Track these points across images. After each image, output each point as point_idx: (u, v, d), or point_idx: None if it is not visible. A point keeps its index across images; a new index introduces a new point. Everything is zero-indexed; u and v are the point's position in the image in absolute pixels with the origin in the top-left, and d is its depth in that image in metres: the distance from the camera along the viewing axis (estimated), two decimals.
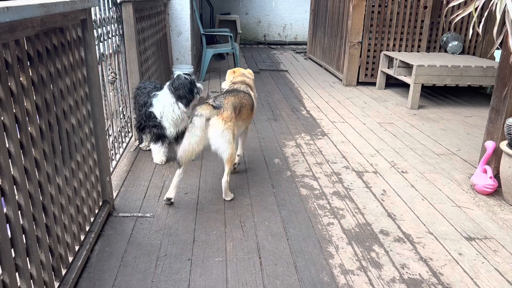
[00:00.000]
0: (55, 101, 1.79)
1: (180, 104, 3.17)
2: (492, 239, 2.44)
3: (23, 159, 1.49)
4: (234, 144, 2.68)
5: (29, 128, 1.54)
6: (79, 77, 2.11)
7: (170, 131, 3.25)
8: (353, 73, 6.32)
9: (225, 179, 2.72)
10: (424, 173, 3.30)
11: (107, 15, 2.99)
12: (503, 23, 2.59)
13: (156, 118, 3.19)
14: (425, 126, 4.49)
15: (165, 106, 3.16)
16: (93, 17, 2.52)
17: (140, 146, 3.61)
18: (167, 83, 3.22)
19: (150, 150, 3.50)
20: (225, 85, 3.16)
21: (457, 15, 2.94)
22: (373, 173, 3.28)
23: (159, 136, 3.25)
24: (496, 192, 2.97)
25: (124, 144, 3.53)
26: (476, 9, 2.66)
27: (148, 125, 3.29)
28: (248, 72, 3.22)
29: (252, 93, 3.00)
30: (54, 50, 1.79)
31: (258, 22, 11.54)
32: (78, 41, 2.10)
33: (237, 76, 3.13)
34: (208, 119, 2.57)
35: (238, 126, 2.75)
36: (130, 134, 3.77)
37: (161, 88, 3.31)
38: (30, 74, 1.57)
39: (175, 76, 3.23)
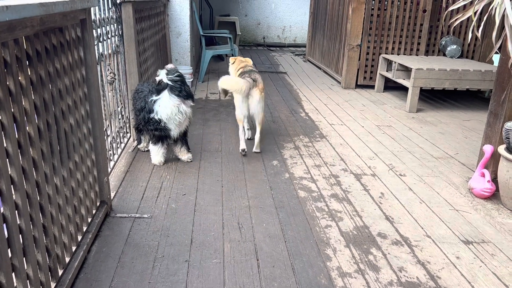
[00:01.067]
0: (54, 101, 1.78)
1: (188, 101, 3.20)
2: (489, 243, 2.44)
3: (20, 158, 1.48)
4: (264, 110, 3.66)
5: (27, 127, 1.53)
6: (78, 77, 2.10)
7: (175, 132, 3.25)
8: (352, 75, 6.33)
9: (258, 135, 3.65)
10: (422, 176, 3.30)
11: (106, 15, 2.99)
12: (502, 27, 2.60)
13: (159, 123, 3.15)
14: (423, 130, 4.49)
15: (172, 110, 3.13)
16: (93, 17, 2.52)
17: (139, 146, 3.61)
18: (167, 90, 3.12)
19: (148, 150, 3.49)
20: (232, 71, 3.96)
21: (456, 19, 2.95)
22: (371, 176, 3.28)
23: (160, 137, 3.24)
24: (494, 196, 2.97)
25: (123, 145, 3.52)
26: (475, 13, 2.67)
27: (148, 129, 3.27)
28: (246, 59, 4.04)
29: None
30: (53, 50, 1.78)
31: (257, 24, 11.56)
32: (77, 41, 2.10)
33: (240, 62, 3.95)
34: (250, 88, 3.49)
35: None
36: (128, 135, 3.76)
37: (157, 91, 3.25)
38: (29, 74, 1.56)
39: (165, 76, 3.13)
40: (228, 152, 3.65)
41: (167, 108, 3.12)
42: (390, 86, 6.14)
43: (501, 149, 2.85)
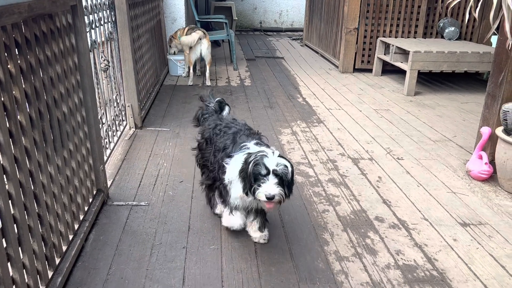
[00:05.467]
0: (45, 89, 1.76)
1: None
2: (486, 224, 2.44)
3: (12, 148, 1.47)
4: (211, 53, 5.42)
5: (18, 116, 1.51)
6: (70, 64, 2.07)
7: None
8: (350, 59, 6.28)
9: (208, 71, 5.42)
10: (420, 160, 3.30)
11: (99, 1, 2.94)
12: (499, 7, 2.56)
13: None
14: (421, 113, 4.47)
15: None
16: (84, 3, 2.47)
17: (217, 212, 2.43)
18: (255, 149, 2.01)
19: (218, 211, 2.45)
20: (182, 32, 5.45)
21: (453, 0, 2.91)
22: (368, 160, 3.28)
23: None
24: (492, 178, 2.97)
25: (119, 133, 3.50)
26: None
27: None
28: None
29: None
30: (43, 37, 1.75)
31: (254, 9, 11.42)
32: (68, 28, 2.06)
33: (183, 29, 5.50)
34: (200, 39, 5.20)
35: None
36: (124, 123, 3.73)
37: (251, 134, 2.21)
38: (19, 61, 1.53)
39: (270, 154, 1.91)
40: None
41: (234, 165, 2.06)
42: (388, 69, 6.09)
43: (499, 131, 2.84)
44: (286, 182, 1.88)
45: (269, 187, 1.85)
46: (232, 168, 2.03)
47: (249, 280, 1.95)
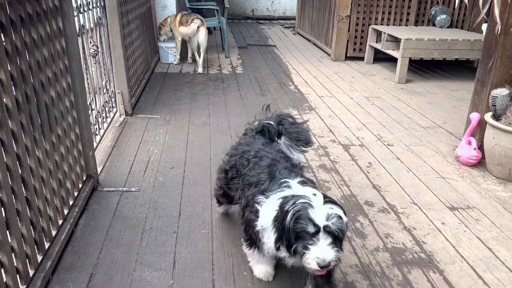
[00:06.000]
0: (32, 72, 1.74)
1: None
2: (474, 208, 2.47)
3: None
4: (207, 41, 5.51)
5: (4, 99, 1.50)
6: (57, 48, 2.04)
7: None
8: (342, 47, 6.27)
9: (202, 59, 5.42)
10: (410, 146, 3.32)
11: None
12: None
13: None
14: (412, 100, 4.49)
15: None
16: None
17: (219, 209, 2.37)
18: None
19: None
20: (177, 19, 5.40)
21: None
22: (359, 146, 3.29)
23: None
24: (480, 163, 3.00)
25: (109, 119, 3.47)
26: None
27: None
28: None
29: None
30: (29, 19, 1.73)
31: None
32: (55, 11, 2.03)
33: (175, 16, 5.48)
34: (198, 27, 5.24)
35: None
36: (114, 109, 3.71)
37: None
38: (4, 43, 1.51)
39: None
40: (216, 126, 3.62)
41: (267, 209, 1.64)
42: (380, 57, 6.09)
43: (488, 117, 2.86)
44: (341, 238, 1.41)
45: (323, 252, 1.36)
46: (267, 213, 1.58)
47: (239, 264, 1.96)
